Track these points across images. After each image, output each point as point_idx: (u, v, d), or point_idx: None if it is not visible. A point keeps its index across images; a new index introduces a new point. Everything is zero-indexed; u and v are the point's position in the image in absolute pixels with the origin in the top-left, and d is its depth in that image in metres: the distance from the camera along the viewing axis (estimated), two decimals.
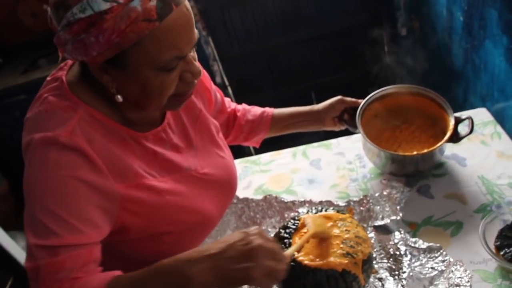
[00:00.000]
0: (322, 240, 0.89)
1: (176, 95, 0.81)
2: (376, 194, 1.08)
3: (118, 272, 0.77)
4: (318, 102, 2.65)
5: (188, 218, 0.90)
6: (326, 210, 0.97)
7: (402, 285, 0.88)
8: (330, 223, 0.93)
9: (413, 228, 1.06)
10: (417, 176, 1.19)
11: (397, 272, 0.92)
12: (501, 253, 0.93)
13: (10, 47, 2.79)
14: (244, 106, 1.26)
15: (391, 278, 0.91)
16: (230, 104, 1.23)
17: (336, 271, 0.84)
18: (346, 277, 0.84)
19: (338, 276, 0.84)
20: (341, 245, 0.87)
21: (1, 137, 2.32)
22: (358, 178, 1.26)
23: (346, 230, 0.90)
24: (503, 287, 0.90)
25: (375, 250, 0.97)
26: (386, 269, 0.94)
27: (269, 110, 1.24)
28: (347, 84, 1.36)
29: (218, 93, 1.15)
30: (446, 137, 1.12)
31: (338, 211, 0.96)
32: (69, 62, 0.85)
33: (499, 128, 1.30)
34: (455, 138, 1.14)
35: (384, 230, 1.03)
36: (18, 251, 1.77)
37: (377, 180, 1.23)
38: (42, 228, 0.73)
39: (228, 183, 1.03)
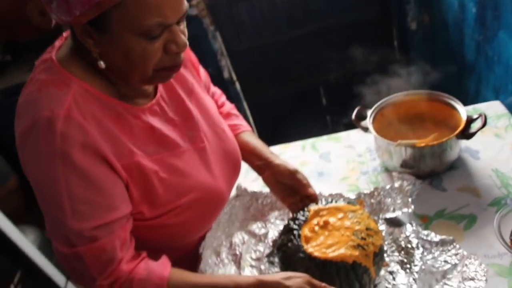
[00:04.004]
0: (331, 230, 0.88)
1: (162, 68, 0.79)
2: (387, 187, 1.06)
3: (167, 266, 0.83)
4: (326, 98, 2.64)
5: (190, 195, 0.89)
6: (336, 202, 0.95)
7: (414, 279, 0.86)
8: (341, 214, 0.91)
9: (425, 221, 1.03)
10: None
11: (408, 266, 0.89)
12: None
13: (18, 45, 2.80)
14: (229, 109, 1.18)
15: (403, 272, 0.89)
16: (215, 93, 1.18)
17: (347, 263, 0.82)
18: (356, 270, 0.82)
19: (349, 269, 0.82)
20: (352, 237, 0.85)
21: (11, 133, 2.33)
22: (369, 171, 1.23)
23: (357, 221, 0.88)
24: None
25: (386, 243, 0.95)
26: (397, 262, 0.91)
27: (244, 129, 1.14)
28: (356, 79, 1.32)
29: (207, 77, 1.12)
30: (457, 132, 1.09)
31: (348, 203, 0.94)
32: (57, 45, 0.85)
33: None
34: (467, 133, 1.11)
35: (395, 223, 1.01)
36: (27, 245, 1.78)
37: (388, 173, 1.20)
38: (77, 214, 0.75)
39: (232, 155, 1.02)
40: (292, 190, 1.01)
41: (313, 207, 0.95)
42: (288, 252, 0.87)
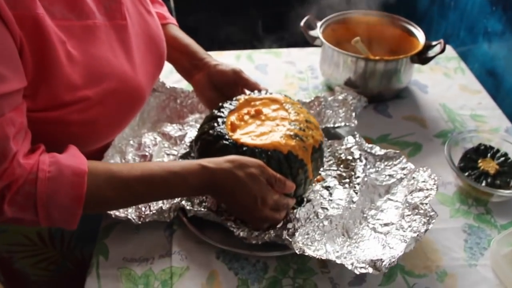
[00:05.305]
0: (264, 120, 0.70)
1: None
2: (330, 98, 0.91)
3: (82, 157, 0.62)
4: (264, 35, 2.42)
5: (102, 86, 0.65)
6: (271, 94, 0.77)
7: (355, 191, 0.71)
8: (276, 106, 0.73)
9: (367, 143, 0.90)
10: None
11: (348, 180, 0.75)
12: (465, 174, 0.80)
13: None
14: None
15: (340, 187, 0.74)
16: None
17: (281, 153, 0.65)
18: (291, 162, 0.65)
19: (282, 160, 0.65)
20: (289, 126, 0.69)
21: None
22: (309, 87, 1.08)
23: (295, 113, 0.71)
24: (460, 211, 0.78)
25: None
26: (335, 177, 0.76)
27: (171, 21, 0.93)
28: (298, 19, 1.14)
29: None
30: (413, 52, 0.98)
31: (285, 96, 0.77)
32: None
33: (463, 65, 1.20)
34: (424, 57, 1.00)
35: (334, 136, 0.86)
36: None
37: (331, 92, 1.06)
38: None
39: (158, 45, 0.79)
40: (225, 99, 0.81)
41: (244, 96, 0.76)
42: (208, 140, 0.68)
